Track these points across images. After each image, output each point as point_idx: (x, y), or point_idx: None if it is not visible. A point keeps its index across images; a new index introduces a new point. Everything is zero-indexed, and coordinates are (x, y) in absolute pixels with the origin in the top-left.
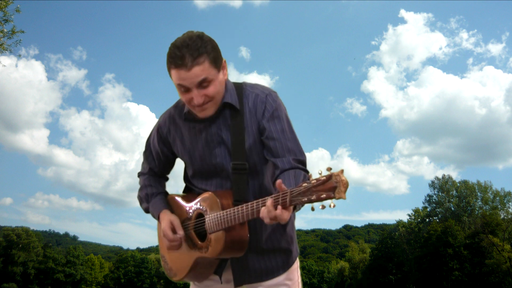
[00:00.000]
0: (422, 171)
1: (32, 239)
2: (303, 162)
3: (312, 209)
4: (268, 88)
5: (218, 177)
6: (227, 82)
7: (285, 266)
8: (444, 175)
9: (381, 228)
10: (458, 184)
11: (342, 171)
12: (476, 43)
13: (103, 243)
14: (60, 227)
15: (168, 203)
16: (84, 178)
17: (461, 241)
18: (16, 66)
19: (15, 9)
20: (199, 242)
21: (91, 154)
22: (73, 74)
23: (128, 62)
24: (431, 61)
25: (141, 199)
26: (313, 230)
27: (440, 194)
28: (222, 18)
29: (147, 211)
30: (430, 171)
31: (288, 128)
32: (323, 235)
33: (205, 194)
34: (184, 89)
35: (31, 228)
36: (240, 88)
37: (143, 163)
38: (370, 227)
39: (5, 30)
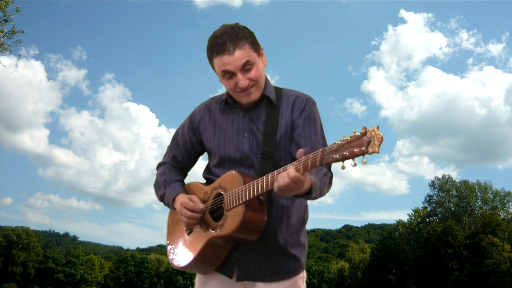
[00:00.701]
0: (422, 171)
1: (32, 239)
2: (329, 165)
3: (343, 167)
4: (308, 95)
5: (242, 166)
6: (267, 79)
7: (292, 272)
8: (444, 175)
9: (381, 228)
10: (458, 184)
11: (377, 127)
12: (476, 43)
13: (103, 243)
14: (60, 227)
15: (187, 188)
16: (84, 178)
17: (461, 241)
18: (16, 66)
19: (15, 9)
20: (214, 222)
21: (91, 154)
22: (73, 74)
23: (128, 62)
24: (431, 61)
25: (158, 186)
26: (313, 230)
27: (440, 194)
28: (222, 18)
29: (162, 198)
30: (430, 171)
31: (321, 133)
32: (323, 235)
33: (228, 173)
34: (229, 75)
35: (31, 228)
36: (279, 89)
37: (166, 153)
38: (370, 227)
39: (5, 30)
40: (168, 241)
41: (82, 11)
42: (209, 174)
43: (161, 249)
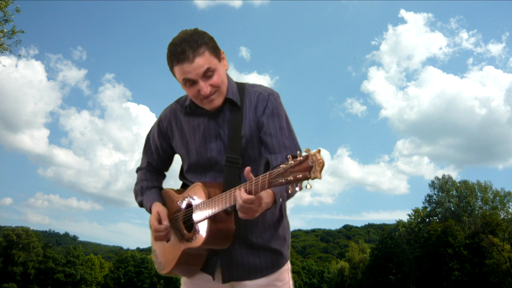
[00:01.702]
0: (422, 171)
1: (32, 239)
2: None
3: (300, 188)
4: (270, 88)
5: (212, 171)
6: (229, 79)
7: (275, 266)
8: (444, 175)
9: (381, 228)
10: (458, 184)
11: (318, 151)
12: (476, 43)
13: (103, 243)
14: (60, 227)
15: (162, 196)
16: (84, 178)
17: (461, 241)
18: (16, 66)
19: (15, 9)
20: (187, 233)
21: (91, 154)
22: (73, 74)
23: (128, 62)
24: (431, 61)
25: (136, 193)
26: (313, 230)
27: (440, 194)
28: (222, 18)
29: (141, 204)
30: (430, 171)
31: (287, 126)
32: (323, 235)
33: (195, 184)
34: (190, 83)
35: (31, 228)
36: (242, 87)
37: (142, 158)
38: (370, 227)
39: (5, 30)
40: (152, 247)
41: (82, 11)
42: (183, 178)
43: None
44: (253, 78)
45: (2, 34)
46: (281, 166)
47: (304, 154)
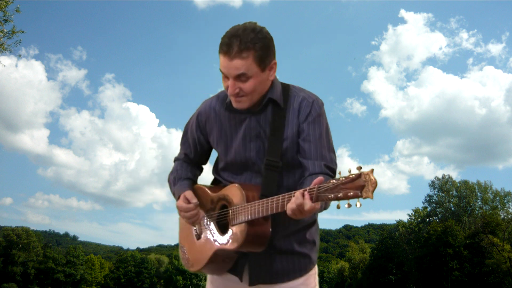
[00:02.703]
0: (422, 171)
1: (32, 239)
2: (333, 171)
3: (338, 207)
4: (315, 95)
5: (248, 171)
6: (274, 80)
7: (303, 270)
8: (444, 175)
9: (381, 228)
10: (458, 184)
11: (372, 170)
12: (476, 43)
13: (103, 243)
14: (60, 227)
15: (194, 191)
16: (84, 178)
17: (461, 241)
18: (16, 66)
19: (15, 9)
20: (221, 234)
21: (91, 154)
22: (73, 74)
23: (128, 62)
24: (431, 61)
25: (169, 183)
26: None
27: (440, 194)
28: (222, 18)
29: (174, 195)
30: (430, 171)
31: (326, 136)
32: (323, 235)
33: (232, 185)
34: (224, 75)
35: (31, 228)
36: (287, 88)
37: (180, 149)
38: (370, 227)
39: (5, 30)
40: (180, 243)
41: (82, 11)
42: (217, 175)
43: (161, 249)
44: None
45: (2, 34)
46: (331, 181)
47: (356, 172)
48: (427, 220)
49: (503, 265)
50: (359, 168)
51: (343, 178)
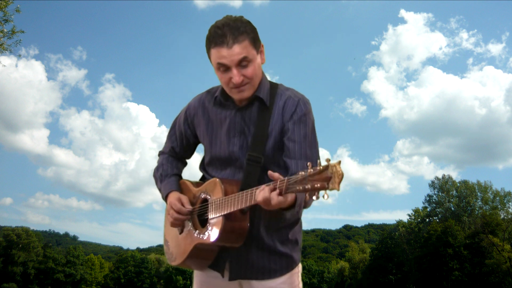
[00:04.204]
0: (422, 171)
1: (32, 239)
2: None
3: (317, 198)
4: (302, 94)
5: (232, 166)
6: (263, 77)
7: (284, 269)
8: (444, 175)
9: (381, 228)
10: (458, 184)
11: (339, 162)
12: (476, 43)
13: (103, 243)
14: (60, 227)
15: (180, 186)
16: (84, 178)
17: (461, 241)
18: (16, 66)
19: (15, 9)
20: (200, 228)
21: (91, 154)
22: (73, 74)
23: (128, 62)
24: (431, 61)
25: (155, 179)
26: (313, 230)
27: (440, 194)
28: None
29: (160, 191)
30: (430, 171)
31: (311, 136)
32: (323, 235)
33: (212, 180)
34: (224, 68)
35: (31, 228)
36: (274, 87)
37: (166, 142)
38: (370, 227)
39: (5, 30)
40: (165, 237)
41: (82, 11)
42: (203, 170)
43: (161, 249)
44: None
45: (2, 34)
46: (299, 173)
47: (324, 164)
48: (427, 220)
49: (503, 265)
50: (328, 160)
51: (311, 170)
